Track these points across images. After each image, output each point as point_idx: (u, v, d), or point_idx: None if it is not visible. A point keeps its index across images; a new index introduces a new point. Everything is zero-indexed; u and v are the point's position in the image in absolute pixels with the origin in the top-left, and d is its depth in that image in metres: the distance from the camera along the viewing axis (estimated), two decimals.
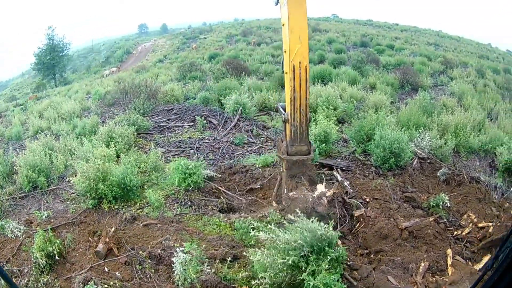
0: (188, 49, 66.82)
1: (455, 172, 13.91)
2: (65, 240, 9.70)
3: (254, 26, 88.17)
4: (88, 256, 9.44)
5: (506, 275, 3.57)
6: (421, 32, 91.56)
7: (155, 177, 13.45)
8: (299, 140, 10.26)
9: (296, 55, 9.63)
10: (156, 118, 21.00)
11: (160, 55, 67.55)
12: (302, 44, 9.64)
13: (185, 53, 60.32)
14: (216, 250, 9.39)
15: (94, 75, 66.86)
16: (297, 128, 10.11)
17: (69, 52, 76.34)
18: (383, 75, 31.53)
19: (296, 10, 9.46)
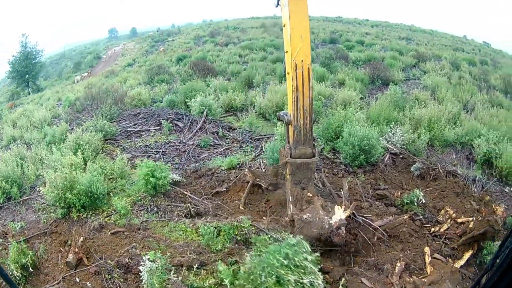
0: (157, 52, 66.65)
1: (430, 167, 13.70)
2: (38, 251, 9.71)
3: (222, 26, 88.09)
4: (60, 267, 9.38)
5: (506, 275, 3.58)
6: (392, 27, 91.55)
7: (121, 184, 13.21)
8: (303, 142, 9.63)
9: (298, 54, 9.14)
10: (123, 123, 20.62)
11: (129, 59, 67.17)
12: (304, 42, 9.14)
13: (154, 56, 60.28)
14: (182, 257, 9.10)
15: (66, 82, 66.24)
16: (300, 129, 9.52)
17: (42, 59, 75.47)
18: (352, 71, 31.04)
19: (297, 8, 9.06)
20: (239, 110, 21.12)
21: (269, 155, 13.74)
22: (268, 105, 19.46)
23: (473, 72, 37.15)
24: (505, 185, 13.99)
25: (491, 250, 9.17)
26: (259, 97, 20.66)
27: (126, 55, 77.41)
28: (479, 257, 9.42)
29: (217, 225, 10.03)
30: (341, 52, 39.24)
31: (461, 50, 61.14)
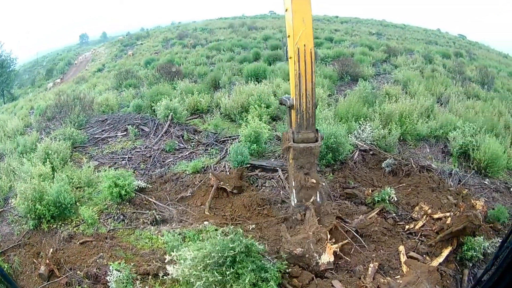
0: (125, 56, 66.65)
1: (403, 162, 13.58)
2: (13, 264, 9.75)
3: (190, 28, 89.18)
4: (34, 279, 9.34)
5: (506, 275, 3.51)
6: (362, 23, 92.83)
7: (88, 193, 12.94)
8: (306, 126, 9.31)
9: (301, 38, 8.83)
10: (91, 130, 20.21)
11: (99, 64, 67.42)
12: (306, 26, 8.83)
13: (123, 61, 60.14)
14: (148, 266, 8.99)
15: (39, 89, 66.27)
16: (303, 114, 9.21)
17: (16, 67, 75.12)
18: (320, 68, 30.82)
19: None
20: (204, 112, 20.88)
21: (233, 157, 13.53)
22: (234, 106, 19.17)
23: (447, 64, 37.43)
24: (484, 177, 13.90)
25: (472, 246, 9.02)
26: (225, 98, 20.38)
27: (96, 60, 77.80)
28: (459, 253, 9.24)
29: (181, 232, 10.10)
30: None
31: (435, 43, 62.22)
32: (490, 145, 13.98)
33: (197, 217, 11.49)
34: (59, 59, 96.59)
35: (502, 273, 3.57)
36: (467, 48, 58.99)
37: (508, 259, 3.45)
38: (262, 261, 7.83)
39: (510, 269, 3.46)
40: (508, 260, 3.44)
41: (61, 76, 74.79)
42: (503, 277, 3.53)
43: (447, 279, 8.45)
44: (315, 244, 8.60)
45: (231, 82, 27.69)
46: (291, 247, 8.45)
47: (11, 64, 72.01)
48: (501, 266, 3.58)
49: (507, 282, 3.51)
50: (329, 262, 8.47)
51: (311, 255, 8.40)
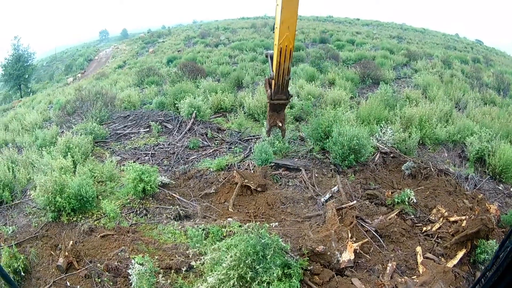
0: (147, 53, 66.33)
1: (421, 166, 13.57)
2: (30, 255, 9.56)
3: (212, 27, 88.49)
4: (51, 271, 9.25)
5: (506, 275, 3.51)
6: (383, 26, 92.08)
7: (110, 187, 13.05)
8: (280, 92, 12.77)
9: (284, 40, 11.20)
10: (113, 125, 20.31)
11: (120, 60, 66.75)
12: (290, 32, 11.13)
13: (144, 58, 59.85)
14: (171, 260, 9.09)
15: (57, 84, 65.89)
16: (279, 85, 12.53)
17: (34, 61, 74.99)
18: (342, 71, 30.81)
19: (288, 4, 10.55)
20: (228, 111, 20.98)
21: (258, 156, 13.71)
22: (257, 105, 19.30)
23: (465, 70, 37.04)
24: (498, 183, 13.97)
25: (485, 249, 9.09)
26: (248, 98, 20.47)
27: (117, 56, 77.35)
28: (472, 256, 9.33)
29: (205, 227, 10.07)
30: (332, 52, 38.93)
31: (453, 48, 61.34)
32: (505, 151, 14.08)
33: (221, 213, 11.64)
34: (78, 54, 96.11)
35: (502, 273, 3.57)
36: (484, 54, 58.42)
37: (508, 259, 3.45)
38: (285, 257, 8.01)
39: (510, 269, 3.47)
40: (508, 260, 3.45)
41: (83, 70, 74.70)
42: (503, 277, 3.55)
43: (460, 281, 8.55)
44: (337, 242, 8.99)
45: (254, 82, 27.80)
46: (313, 245, 8.75)
47: (29, 58, 71.75)
48: (501, 266, 3.57)
49: (507, 282, 3.53)
50: (349, 260, 8.77)
51: (333, 253, 8.74)
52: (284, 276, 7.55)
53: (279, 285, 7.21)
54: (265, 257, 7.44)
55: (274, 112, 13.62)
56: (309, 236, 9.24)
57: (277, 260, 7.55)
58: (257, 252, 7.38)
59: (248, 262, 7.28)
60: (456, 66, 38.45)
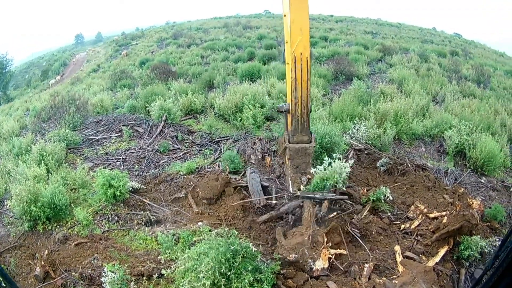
0: (120, 56, 66.46)
1: (398, 161, 13.48)
2: (9, 266, 9.71)
3: (185, 28, 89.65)
4: (30, 281, 9.28)
5: (506, 275, 3.51)
6: (357, 22, 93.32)
7: (83, 194, 12.80)
8: (301, 130, 10.39)
9: (298, 46, 9.62)
10: (86, 131, 20.07)
11: (94, 64, 67.35)
12: (303, 35, 9.61)
13: (118, 61, 60.18)
14: (143, 267, 9.02)
15: (34, 90, 66.03)
16: (298, 118, 10.22)
17: (12, 68, 75.11)
18: (315, 67, 30.84)
19: (298, 1, 9.39)
20: (199, 112, 20.83)
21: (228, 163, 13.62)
22: (228, 106, 19.04)
23: (443, 63, 37.55)
24: (480, 176, 13.95)
25: (469, 245, 8.99)
26: (219, 99, 20.25)
27: (92, 60, 77.71)
28: (456, 252, 9.21)
29: (175, 232, 10.08)
30: None
31: (430, 42, 62.41)
32: (487, 144, 14.03)
33: (191, 217, 11.44)
34: (54, 59, 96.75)
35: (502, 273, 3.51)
36: (463, 47, 59.07)
37: (508, 259, 3.40)
38: (256, 262, 7.81)
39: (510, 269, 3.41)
40: (508, 260, 3.39)
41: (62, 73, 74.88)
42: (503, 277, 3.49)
43: (443, 279, 8.42)
44: (310, 250, 8.63)
45: (225, 82, 27.71)
46: (284, 253, 8.46)
47: (7, 65, 72.12)
48: (501, 266, 3.53)
49: (507, 282, 3.47)
50: (323, 269, 8.49)
51: (305, 261, 8.42)
52: (256, 281, 7.40)
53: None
54: (235, 263, 7.27)
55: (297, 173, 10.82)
56: (281, 242, 8.90)
57: (248, 266, 7.39)
58: (228, 259, 7.21)
59: (221, 270, 7.11)
60: (433, 60, 38.84)
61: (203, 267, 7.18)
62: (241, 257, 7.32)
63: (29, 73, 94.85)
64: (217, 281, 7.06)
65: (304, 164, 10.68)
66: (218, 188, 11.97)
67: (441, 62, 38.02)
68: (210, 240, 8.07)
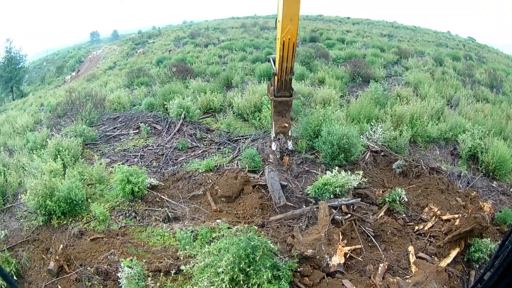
0: (137, 54, 66.08)
1: (413, 164, 13.53)
2: (22, 259, 9.59)
3: (202, 27, 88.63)
4: (43, 275, 9.22)
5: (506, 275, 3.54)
6: (374, 24, 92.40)
7: (100, 190, 12.88)
8: (283, 89, 12.45)
9: (286, 33, 10.91)
10: (102, 127, 20.13)
11: (110, 62, 66.75)
12: (293, 24, 10.84)
13: (134, 59, 59.53)
14: (160, 263, 9.07)
15: (49, 86, 65.72)
16: (282, 81, 12.17)
17: (26, 64, 74.96)
18: (332, 69, 30.79)
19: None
20: (217, 111, 20.86)
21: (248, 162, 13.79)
22: (246, 105, 19.15)
23: (457, 67, 37.13)
24: (492, 180, 13.93)
25: (479, 247, 9.06)
26: (238, 98, 20.31)
27: (107, 58, 77.21)
28: (466, 254, 9.29)
29: (194, 229, 10.07)
30: (321, 51, 38.94)
31: (445, 45, 61.44)
32: (498, 148, 14.05)
33: (209, 215, 11.52)
34: (69, 56, 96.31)
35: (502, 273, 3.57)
36: (476, 51, 58.58)
37: (508, 259, 3.44)
38: (274, 259, 7.94)
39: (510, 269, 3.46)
40: (508, 260, 3.43)
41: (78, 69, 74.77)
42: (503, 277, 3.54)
43: (454, 280, 8.48)
44: (327, 246, 8.87)
45: (243, 81, 27.65)
46: (302, 248, 8.67)
47: (21, 61, 71.88)
48: (501, 266, 3.57)
49: (507, 282, 3.52)
50: (339, 264, 8.66)
51: (322, 257, 8.63)
52: (274, 278, 7.51)
53: (269, 287, 7.18)
54: (254, 259, 7.36)
55: (279, 116, 13.23)
56: (298, 239, 9.11)
57: (267, 262, 7.50)
58: (247, 255, 7.30)
59: (241, 265, 7.22)
60: (448, 64, 38.45)
61: (223, 262, 7.25)
62: (260, 253, 7.43)
63: (43, 69, 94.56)
64: (236, 276, 7.16)
65: (284, 110, 12.96)
66: (237, 186, 12.25)
67: (455, 66, 37.69)
68: (230, 236, 8.19)
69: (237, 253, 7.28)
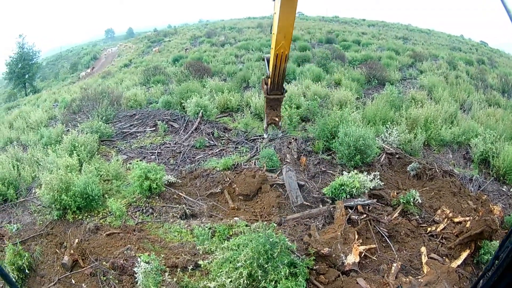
0: (152, 52, 66.02)
1: (427, 166, 13.62)
2: (34, 253, 9.63)
3: (219, 27, 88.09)
4: (56, 269, 9.33)
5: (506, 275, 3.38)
6: (389, 27, 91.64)
7: (116, 185, 13.10)
8: (276, 89, 13.22)
9: (280, 48, 11.63)
10: (119, 124, 20.35)
11: (126, 59, 66.66)
12: (286, 40, 11.52)
13: (150, 57, 59.68)
14: (177, 258, 9.28)
15: (62, 82, 65.80)
16: (274, 83, 12.89)
17: (39, 60, 75.08)
18: (348, 71, 30.84)
19: (286, 15, 10.96)
20: (234, 110, 21.05)
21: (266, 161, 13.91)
22: (264, 105, 19.00)
23: (470, 71, 36.97)
24: (502, 185, 14.02)
25: (488, 250, 9.21)
26: (255, 98, 20.50)
27: (123, 55, 77.06)
28: (476, 256, 9.43)
29: (211, 226, 10.19)
30: (338, 52, 38.80)
31: (458, 49, 60.91)
32: (509, 153, 14.16)
33: (227, 212, 11.71)
34: (84, 53, 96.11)
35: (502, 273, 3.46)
36: (489, 55, 58.15)
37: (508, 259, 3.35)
38: (291, 257, 8.12)
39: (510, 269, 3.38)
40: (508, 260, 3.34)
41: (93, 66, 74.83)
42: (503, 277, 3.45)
43: (463, 281, 8.67)
44: (342, 245, 9.14)
45: (260, 81, 27.40)
46: (318, 247, 8.91)
47: (34, 56, 72.00)
48: (501, 266, 3.46)
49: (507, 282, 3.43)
50: (354, 263, 8.90)
51: (338, 255, 8.89)
52: (291, 275, 7.64)
53: (286, 283, 7.30)
54: (273, 256, 7.52)
55: (271, 110, 14.12)
56: (315, 237, 9.35)
57: (284, 259, 7.67)
58: (266, 251, 7.47)
59: (259, 261, 7.40)
60: (461, 68, 38.33)
61: (241, 257, 7.46)
62: (279, 250, 7.61)
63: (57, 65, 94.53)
64: (254, 272, 7.36)
65: (276, 105, 13.81)
66: (255, 184, 12.54)
67: (468, 70, 37.55)
68: (249, 233, 8.41)
69: (256, 248, 7.45)
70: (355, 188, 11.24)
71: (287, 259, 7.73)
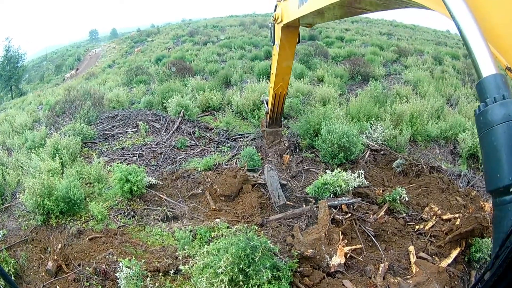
0: (134, 52, 66.48)
1: (413, 163, 13.44)
2: (20, 259, 9.54)
3: (201, 25, 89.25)
4: (41, 275, 9.15)
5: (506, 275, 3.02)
6: (373, 23, 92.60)
7: (98, 188, 12.82)
8: (274, 124, 14.92)
9: (278, 89, 13.06)
10: (101, 125, 20.17)
11: (109, 60, 67.20)
12: (284, 82, 13.02)
13: (133, 57, 60.01)
14: (159, 263, 8.96)
15: (48, 84, 65.81)
16: (273, 119, 14.63)
17: (25, 62, 75.01)
18: (331, 68, 31.02)
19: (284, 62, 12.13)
20: (216, 109, 20.90)
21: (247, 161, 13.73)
22: (245, 103, 19.26)
23: (457, 66, 37.28)
24: None
25: (480, 247, 8.99)
26: (236, 96, 20.46)
27: (106, 56, 77.44)
28: (467, 254, 9.21)
29: (193, 229, 9.99)
30: (321, 49, 39.18)
31: (444, 44, 61.63)
32: None
33: (208, 214, 11.45)
34: (68, 54, 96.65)
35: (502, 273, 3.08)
36: None
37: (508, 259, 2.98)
38: (274, 260, 7.86)
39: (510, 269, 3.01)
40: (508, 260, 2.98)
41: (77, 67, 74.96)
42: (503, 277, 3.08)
43: (455, 280, 8.42)
44: (327, 246, 8.80)
45: (242, 80, 27.85)
46: (302, 248, 8.61)
47: (20, 59, 72.10)
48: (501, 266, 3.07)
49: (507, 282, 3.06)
50: (339, 264, 8.58)
51: (322, 257, 8.56)
52: (274, 279, 7.44)
53: (269, 287, 7.11)
54: (254, 260, 7.28)
55: (270, 135, 15.35)
56: (298, 238, 9.04)
57: (267, 262, 7.41)
58: (247, 255, 7.21)
59: (240, 266, 7.13)
60: (447, 62, 38.67)
61: (222, 263, 7.18)
62: (260, 253, 7.35)
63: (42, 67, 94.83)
64: (235, 277, 7.09)
65: (274, 135, 15.21)
66: (236, 185, 12.14)
67: (454, 64, 37.85)
68: (229, 236, 8.15)
69: (236, 253, 7.19)
70: (339, 187, 10.91)
71: (269, 262, 7.46)
